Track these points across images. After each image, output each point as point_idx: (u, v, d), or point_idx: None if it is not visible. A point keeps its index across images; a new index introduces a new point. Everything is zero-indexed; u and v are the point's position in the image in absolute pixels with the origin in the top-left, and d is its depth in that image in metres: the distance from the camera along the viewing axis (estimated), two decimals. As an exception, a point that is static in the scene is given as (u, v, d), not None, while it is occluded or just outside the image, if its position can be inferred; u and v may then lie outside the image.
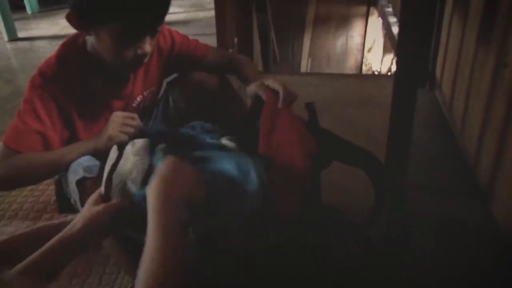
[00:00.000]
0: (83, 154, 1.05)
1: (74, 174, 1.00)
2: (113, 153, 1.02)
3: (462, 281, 1.09)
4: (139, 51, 1.04)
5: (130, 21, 0.97)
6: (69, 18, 1.00)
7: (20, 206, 1.37)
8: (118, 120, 1.06)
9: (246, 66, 1.27)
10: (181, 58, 1.26)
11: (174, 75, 1.34)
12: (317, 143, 1.02)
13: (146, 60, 1.09)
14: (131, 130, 1.06)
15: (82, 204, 0.98)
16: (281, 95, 1.03)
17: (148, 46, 1.04)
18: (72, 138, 1.12)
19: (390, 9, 3.41)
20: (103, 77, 1.12)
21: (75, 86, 1.08)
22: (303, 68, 4.56)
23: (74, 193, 1.01)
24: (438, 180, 1.48)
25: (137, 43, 1.03)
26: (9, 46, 3.24)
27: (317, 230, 0.96)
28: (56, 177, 1.15)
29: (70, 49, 1.10)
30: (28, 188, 1.43)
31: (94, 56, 1.08)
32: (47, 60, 1.09)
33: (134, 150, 1.07)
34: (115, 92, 1.17)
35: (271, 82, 1.07)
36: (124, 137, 1.05)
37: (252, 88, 1.10)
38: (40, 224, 1.24)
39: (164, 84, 1.35)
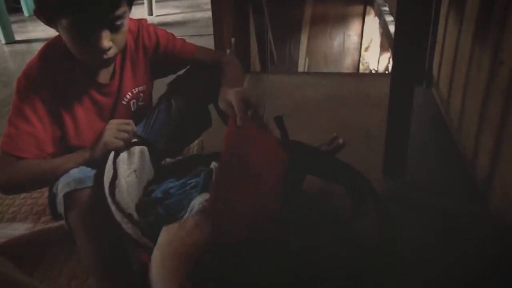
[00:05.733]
0: (80, 164, 1.04)
1: (64, 186, 0.98)
2: (110, 166, 1.02)
3: (460, 280, 1.10)
4: (98, 46, 1.00)
5: (78, 15, 0.95)
6: (36, 13, 1.01)
7: (18, 209, 1.36)
8: (113, 127, 1.09)
9: (229, 70, 1.23)
10: (168, 57, 1.25)
11: (175, 76, 1.33)
12: (289, 155, 0.99)
13: (112, 55, 1.04)
14: (126, 135, 1.08)
15: (67, 217, 0.97)
16: (236, 110, 0.97)
17: (105, 42, 1.00)
18: (64, 136, 1.12)
19: (386, 8, 3.41)
20: (85, 73, 1.11)
21: (59, 83, 1.08)
22: (301, 68, 4.56)
23: (60, 205, 0.99)
24: (436, 178, 1.48)
25: (93, 38, 0.99)
26: (6, 49, 3.24)
27: (301, 231, 0.95)
28: None
29: (52, 47, 1.10)
30: (27, 190, 1.43)
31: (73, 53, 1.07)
32: (30, 61, 1.09)
33: (130, 160, 1.08)
34: (100, 89, 1.15)
35: (230, 96, 1.00)
36: (120, 143, 1.07)
37: (221, 105, 1.07)
38: (39, 227, 1.24)
39: (165, 86, 1.34)
